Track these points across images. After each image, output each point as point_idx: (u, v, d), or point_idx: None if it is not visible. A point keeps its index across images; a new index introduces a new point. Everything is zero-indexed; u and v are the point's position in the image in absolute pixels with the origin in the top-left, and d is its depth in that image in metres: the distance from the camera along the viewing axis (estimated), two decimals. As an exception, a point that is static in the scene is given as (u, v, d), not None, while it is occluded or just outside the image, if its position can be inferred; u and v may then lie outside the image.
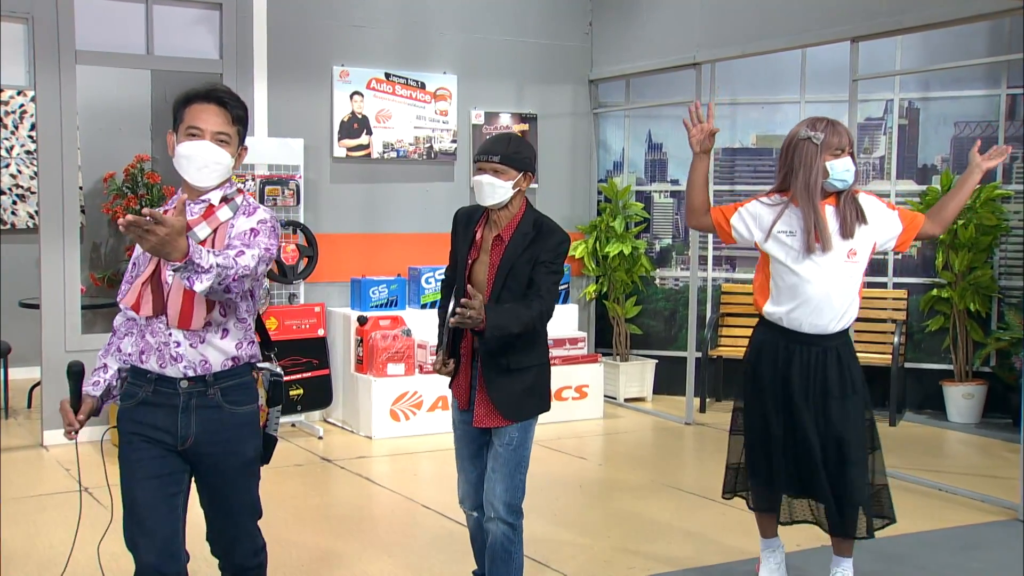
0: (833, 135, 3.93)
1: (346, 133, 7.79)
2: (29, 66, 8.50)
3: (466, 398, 3.79)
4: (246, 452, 3.12)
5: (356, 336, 7.30)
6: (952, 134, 7.88)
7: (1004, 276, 7.72)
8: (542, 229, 3.68)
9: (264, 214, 3.08)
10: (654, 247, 8.66)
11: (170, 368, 3.01)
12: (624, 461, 6.80)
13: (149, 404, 3.05)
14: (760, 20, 7.34)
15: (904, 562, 4.72)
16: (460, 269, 3.78)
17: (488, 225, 3.76)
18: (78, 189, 7.19)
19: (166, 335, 3.01)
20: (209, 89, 3.07)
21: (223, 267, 2.78)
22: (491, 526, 3.73)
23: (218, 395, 3.04)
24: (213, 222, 3.03)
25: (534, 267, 3.63)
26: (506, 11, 8.39)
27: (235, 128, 3.07)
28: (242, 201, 3.10)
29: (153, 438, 3.05)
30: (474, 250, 3.75)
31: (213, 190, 3.07)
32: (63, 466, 6.24)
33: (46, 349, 6.76)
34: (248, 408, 3.11)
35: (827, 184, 3.94)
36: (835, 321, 3.99)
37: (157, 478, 3.04)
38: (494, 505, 3.70)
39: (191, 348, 3.01)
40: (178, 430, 3.03)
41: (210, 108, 3.04)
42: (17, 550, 4.69)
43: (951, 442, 7.24)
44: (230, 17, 7.16)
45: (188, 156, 3.01)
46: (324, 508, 5.60)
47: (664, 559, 4.74)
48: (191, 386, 3.02)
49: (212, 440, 3.05)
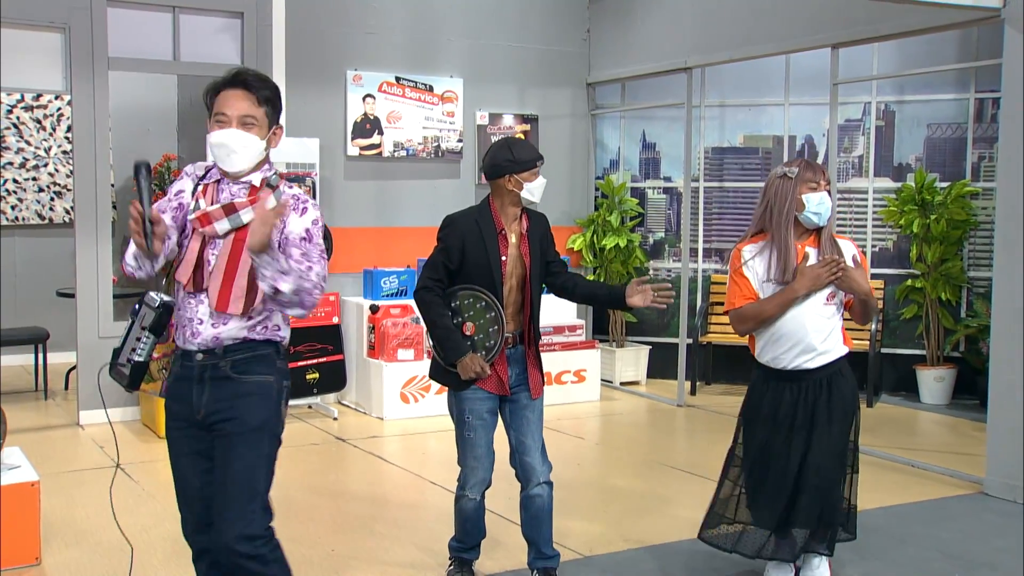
0: (807, 170, 3.82)
1: (359, 133, 7.81)
2: (66, 72, 8.52)
3: (503, 384, 3.84)
4: (249, 420, 2.91)
5: (368, 323, 7.33)
6: (925, 135, 7.89)
7: (972, 267, 7.74)
8: (532, 213, 3.96)
9: (314, 212, 2.95)
10: (648, 240, 8.69)
11: (189, 343, 2.95)
12: (620, 440, 6.84)
13: (179, 379, 3.00)
14: (747, 28, 7.36)
15: (879, 532, 4.76)
16: (496, 266, 3.78)
17: (510, 222, 3.86)
18: (110, 186, 7.22)
19: (193, 311, 2.93)
20: (234, 73, 2.96)
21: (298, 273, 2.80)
22: (538, 490, 3.88)
23: (228, 367, 2.93)
24: None
25: (545, 249, 3.94)
26: (509, 18, 8.40)
27: (263, 110, 2.93)
28: (286, 188, 2.93)
29: (179, 414, 3.00)
30: (503, 248, 3.83)
31: (251, 172, 2.96)
32: (98, 444, 6.29)
33: (81, 335, 6.81)
34: (257, 378, 2.94)
35: (803, 218, 3.81)
36: (816, 357, 3.85)
37: (190, 455, 3.00)
38: (541, 471, 3.89)
39: (211, 328, 2.92)
40: (193, 401, 2.95)
41: (236, 93, 2.92)
42: (56, 521, 4.73)
43: (923, 422, 7.28)
44: (251, 25, 7.18)
45: (217, 144, 2.91)
46: (339, 484, 5.64)
47: (657, 532, 4.77)
48: (205, 359, 2.94)
49: (217, 409, 2.93)
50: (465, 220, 3.85)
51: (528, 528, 3.97)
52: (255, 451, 2.93)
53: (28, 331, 7.84)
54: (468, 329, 3.79)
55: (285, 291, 2.80)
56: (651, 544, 4.60)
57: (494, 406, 3.89)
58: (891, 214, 7.78)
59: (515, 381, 3.89)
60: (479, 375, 3.76)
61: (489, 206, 3.87)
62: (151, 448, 6.14)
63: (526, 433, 3.88)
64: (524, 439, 3.88)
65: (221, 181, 2.99)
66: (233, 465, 2.90)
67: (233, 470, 2.90)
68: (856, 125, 8.06)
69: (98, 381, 3.24)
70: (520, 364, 3.90)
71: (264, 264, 2.77)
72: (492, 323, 3.78)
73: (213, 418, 2.94)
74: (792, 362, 3.86)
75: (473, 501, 3.95)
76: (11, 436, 4.75)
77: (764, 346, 3.92)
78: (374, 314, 7.28)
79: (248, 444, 2.91)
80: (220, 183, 2.99)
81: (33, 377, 7.97)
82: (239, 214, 2.90)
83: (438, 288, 3.82)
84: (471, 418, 3.86)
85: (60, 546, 4.44)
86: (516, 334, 3.88)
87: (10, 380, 8.27)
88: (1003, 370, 5.31)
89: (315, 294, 2.87)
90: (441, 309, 3.80)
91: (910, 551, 4.54)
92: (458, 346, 3.76)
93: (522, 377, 3.90)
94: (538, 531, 3.95)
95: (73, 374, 7.49)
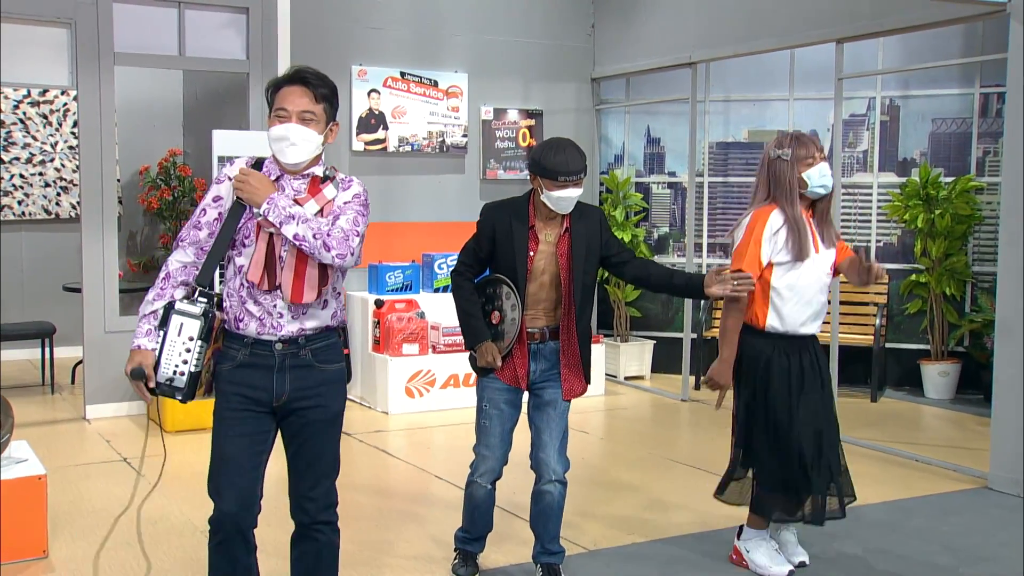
0: (799, 147, 3.87)
1: (364, 128, 7.81)
2: (72, 67, 8.53)
3: (517, 378, 3.84)
4: (332, 407, 3.13)
5: (373, 318, 7.34)
6: (930, 130, 7.88)
7: (977, 262, 7.73)
8: (584, 212, 3.84)
9: (358, 187, 3.11)
10: (652, 235, 8.68)
11: (267, 334, 3.04)
12: (624, 435, 6.84)
13: (247, 366, 3.06)
14: (751, 22, 7.35)
15: (883, 527, 4.76)
16: (521, 260, 3.77)
17: (547, 219, 3.80)
18: (116, 181, 7.22)
19: (271, 306, 3.03)
20: (295, 71, 3.07)
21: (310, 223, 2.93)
22: (549, 487, 3.87)
23: (309, 355, 3.06)
24: (320, 200, 3.04)
25: (606, 244, 3.84)
26: (514, 13, 8.40)
27: (321, 106, 3.05)
28: (340, 176, 3.12)
29: (250, 396, 3.06)
30: (533, 243, 3.79)
31: (311, 167, 3.08)
32: (104, 438, 6.30)
33: (87, 330, 6.82)
34: (336, 366, 3.13)
35: (810, 192, 3.90)
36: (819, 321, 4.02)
37: (248, 436, 3.07)
38: (555, 469, 3.87)
39: (292, 320, 3.04)
40: (273, 388, 3.05)
41: (295, 90, 3.03)
42: (63, 514, 4.75)
43: (927, 416, 7.27)
44: (256, 20, 7.18)
45: (278, 137, 3.02)
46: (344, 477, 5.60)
47: (662, 526, 4.78)
48: (285, 348, 3.05)
49: (303, 396, 3.07)
50: (500, 211, 3.86)
51: (535, 522, 3.98)
52: (336, 434, 3.19)
53: (35, 325, 7.85)
54: (495, 318, 3.83)
55: (288, 235, 2.94)
56: (656, 538, 4.61)
57: (513, 398, 3.88)
58: (896, 209, 7.77)
59: (540, 377, 3.87)
60: (491, 364, 3.79)
61: (528, 199, 3.85)
62: (157, 442, 6.15)
63: (544, 429, 3.88)
64: (541, 434, 3.89)
65: (281, 178, 3.09)
66: (321, 448, 3.14)
67: (322, 452, 3.15)
68: (861, 120, 8.05)
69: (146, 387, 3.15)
70: (550, 361, 3.86)
71: (267, 213, 2.95)
72: (512, 315, 3.80)
73: (297, 404, 3.08)
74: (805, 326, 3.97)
75: (484, 488, 3.95)
76: (18, 430, 4.77)
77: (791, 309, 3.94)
78: (379, 309, 7.28)
79: (333, 428, 3.17)
80: (279, 180, 3.08)
81: (40, 371, 7.99)
82: (304, 207, 3.02)
83: (468, 272, 3.88)
84: (488, 406, 3.90)
85: (67, 539, 4.45)
86: (544, 330, 3.85)
87: (17, 374, 8.29)
88: (1007, 365, 5.30)
89: (337, 237, 2.96)
90: (468, 294, 3.85)
91: (914, 546, 4.54)
92: (475, 332, 3.82)
93: (550, 374, 3.87)
94: (544, 527, 3.95)
95: (80, 368, 7.50)
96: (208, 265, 3.04)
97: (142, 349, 3.03)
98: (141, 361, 3.00)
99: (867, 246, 7.97)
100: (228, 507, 3.07)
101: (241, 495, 3.07)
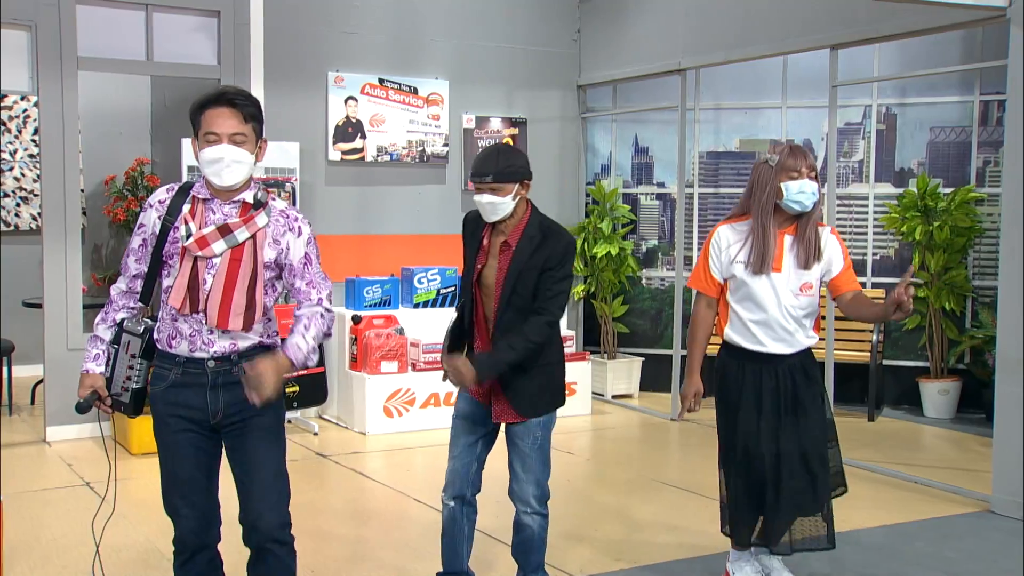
0: (789, 157, 3.86)
1: (341, 137, 7.79)
2: (32, 72, 8.48)
3: (483, 392, 3.80)
4: (269, 418, 3.20)
5: (350, 335, 7.30)
6: (928, 139, 7.91)
7: (978, 276, 7.76)
8: (548, 233, 3.70)
9: (307, 230, 3.23)
10: (640, 248, 8.68)
11: (199, 352, 3.14)
12: (611, 456, 6.81)
13: (179, 385, 3.16)
14: (743, 27, 7.37)
15: (882, 551, 4.74)
16: (467, 273, 3.80)
17: (494, 231, 3.76)
18: (80, 192, 7.17)
19: (199, 324, 3.12)
20: (220, 93, 3.13)
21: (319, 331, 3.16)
22: (527, 519, 3.84)
23: (241, 371, 3.11)
24: (252, 227, 3.12)
25: (541, 275, 3.65)
26: (496, 18, 8.40)
27: (249, 126, 3.13)
28: (273, 203, 3.19)
29: (186, 417, 3.16)
30: (482, 255, 3.77)
31: (242, 191, 3.15)
32: (65, 461, 6.23)
33: (48, 347, 6.75)
34: None
35: (785, 205, 3.87)
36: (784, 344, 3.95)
37: (198, 455, 3.19)
38: (529, 503, 3.83)
39: (224, 335, 3.13)
40: (208, 407, 3.15)
41: (223, 111, 3.10)
42: (20, 543, 4.68)
43: (927, 436, 7.27)
44: (228, 24, 7.16)
45: (212, 159, 3.09)
46: (319, 502, 5.60)
47: (650, 552, 4.75)
48: (218, 365, 3.14)
49: (237, 411, 3.15)
50: (467, 221, 3.88)
51: (517, 552, 3.96)
52: (278, 445, 3.26)
53: (-8, 343, 7.78)
54: None
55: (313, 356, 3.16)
56: (644, 564, 4.57)
57: (476, 412, 3.82)
58: (893, 221, 7.79)
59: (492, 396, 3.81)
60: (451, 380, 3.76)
61: None
62: (123, 465, 6.08)
63: (513, 458, 3.84)
64: (512, 463, 3.85)
65: (210, 201, 3.16)
66: (263, 456, 3.20)
67: (263, 460, 3.20)
68: (856, 129, 8.08)
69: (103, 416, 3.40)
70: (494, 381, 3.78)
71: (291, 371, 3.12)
72: None
73: (231, 419, 3.17)
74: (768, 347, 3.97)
75: (448, 507, 3.90)
76: (-27, 453, 4.70)
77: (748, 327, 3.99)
78: (357, 325, 7.24)
79: (273, 439, 3.23)
80: (208, 204, 3.15)
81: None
82: (234, 234, 3.11)
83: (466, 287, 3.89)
84: (455, 415, 3.92)
85: (24, 570, 4.38)
86: None
87: (-26, 394, 8.20)
88: (1009, 383, 5.30)
89: (328, 318, 3.23)
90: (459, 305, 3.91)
91: (914, 573, 4.52)
92: (446, 344, 3.89)
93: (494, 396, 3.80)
94: (526, 557, 3.93)
95: (40, 388, 7.42)
96: (147, 287, 3.23)
97: (90, 373, 3.23)
98: (92, 384, 3.21)
99: (863, 259, 7.99)
100: (188, 524, 3.22)
101: (200, 511, 3.22)
